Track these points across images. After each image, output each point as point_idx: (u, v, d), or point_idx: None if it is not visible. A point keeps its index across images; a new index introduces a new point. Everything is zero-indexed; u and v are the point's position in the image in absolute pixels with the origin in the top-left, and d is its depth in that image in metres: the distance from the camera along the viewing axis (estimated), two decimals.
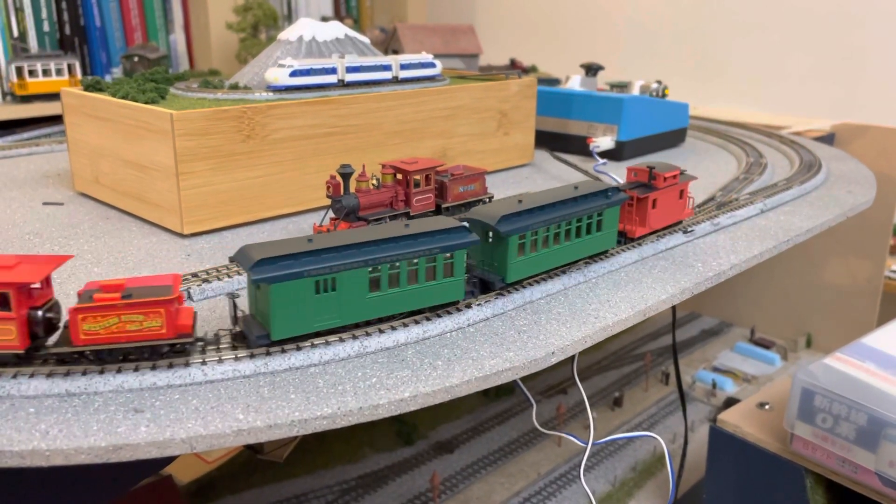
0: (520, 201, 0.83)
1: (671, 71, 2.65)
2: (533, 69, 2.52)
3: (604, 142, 1.50)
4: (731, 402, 1.78)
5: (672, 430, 1.70)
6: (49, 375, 0.63)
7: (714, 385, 1.88)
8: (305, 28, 1.27)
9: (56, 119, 2.14)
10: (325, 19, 2.74)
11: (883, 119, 1.99)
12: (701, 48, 2.62)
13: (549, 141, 1.61)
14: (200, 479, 1.49)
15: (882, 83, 2.23)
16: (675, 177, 1.00)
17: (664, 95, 1.73)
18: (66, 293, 0.82)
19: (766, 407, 1.23)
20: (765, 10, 2.45)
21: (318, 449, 1.58)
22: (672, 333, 1.34)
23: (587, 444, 0.97)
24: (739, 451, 1.18)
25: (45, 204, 1.17)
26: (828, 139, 1.93)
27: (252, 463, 1.54)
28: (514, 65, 2.46)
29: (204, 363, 0.66)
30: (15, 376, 0.63)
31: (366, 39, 1.33)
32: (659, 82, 1.74)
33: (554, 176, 1.41)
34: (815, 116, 2.17)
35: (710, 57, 2.61)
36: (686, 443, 1.39)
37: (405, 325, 0.74)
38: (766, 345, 2.09)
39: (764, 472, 1.16)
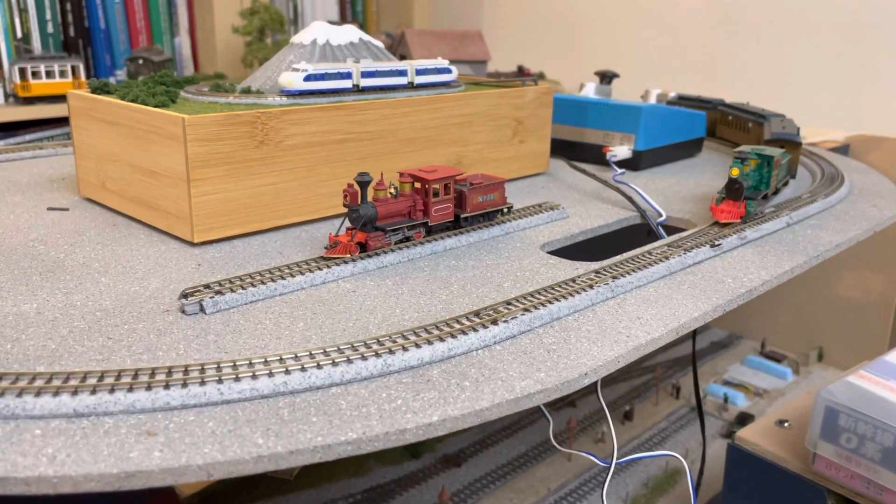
0: None
1: (683, 81, 2.63)
2: (541, 76, 2.50)
3: (621, 151, 1.47)
4: (743, 416, 1.74)
5: (684, 446, 1.66)
6: (56, 394, 0.60)
7: (726, 399, 1.84)
8: (319, 31, 1.24)
9: (59, 121, 2.11)
10: (331, 24, 2.72)
11: None
12: (712, 58, 2.60)
13: (564, 149, 1.58)
14: (203, 492, 1.45)
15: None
16: None
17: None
18: (72, 304, 0.79)
19: (786, 425, 1.19)
20: (777, 20, 2.43)
21: (322, 461, 1.55)
22: (692, 348, 1.30)
23: (610, 463, 0.93)
24: (759, 471, 1.15)
25: (49, 209, 1.14)
26: (842, 150, 1.90)
27: (256, 476, 1.50)
28: (521, 71, 2.43)
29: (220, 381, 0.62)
30: (20, 394, 0.59)
31: (380, 44, 1.30)
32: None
33: (570, 185, 1.38)
34: (830, 127, 2.14)
35: (721, 67, 2.58)
36: (703, 461, 1.35)
37: (429, 343, 0.70)
38: (777, 358, 2.05)
39: (784, 492, 1.12)
